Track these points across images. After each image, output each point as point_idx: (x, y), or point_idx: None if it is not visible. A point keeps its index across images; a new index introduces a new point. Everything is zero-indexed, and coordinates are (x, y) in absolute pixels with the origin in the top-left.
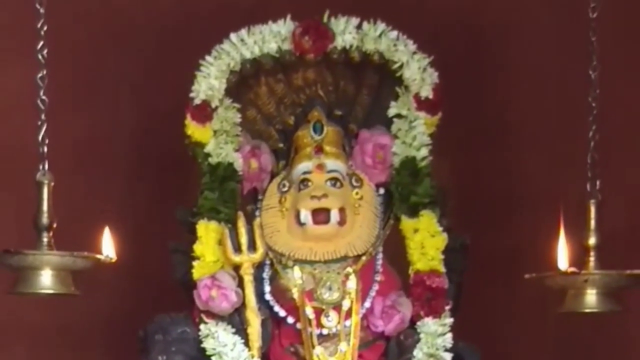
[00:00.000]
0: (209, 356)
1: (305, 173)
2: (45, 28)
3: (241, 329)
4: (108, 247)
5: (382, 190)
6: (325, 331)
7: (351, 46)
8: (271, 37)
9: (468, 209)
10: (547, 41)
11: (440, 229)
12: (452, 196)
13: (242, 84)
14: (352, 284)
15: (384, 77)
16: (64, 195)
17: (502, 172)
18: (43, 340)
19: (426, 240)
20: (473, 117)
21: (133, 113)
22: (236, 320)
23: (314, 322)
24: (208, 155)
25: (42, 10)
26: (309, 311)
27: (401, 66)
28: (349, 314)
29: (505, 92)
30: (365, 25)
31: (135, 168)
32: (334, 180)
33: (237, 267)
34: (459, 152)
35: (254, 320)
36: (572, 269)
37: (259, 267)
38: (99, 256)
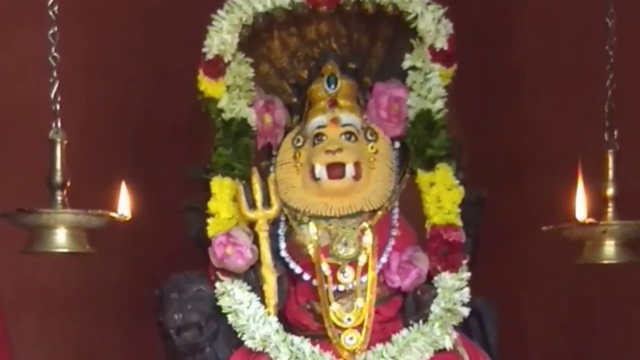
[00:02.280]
0: (225, 314)
1: (319, 127)
2: None
3: (257, 287)
4: (123, 204)
5: (397, 144)
6: (341, 287)
7: None
8: None
9: (485, 164)
10: None
11: (457, 182)
12: (468, 151)
13: (254, 38)
14: (368, 239)
15: (398, 29)
16: (78, 155)
17: (518, 126)
18: (58, 301)
19: (443, 194)
20: (488, 69)
21: (146, 71)
22: (252, 277)
23: (330, 279)
24: (221, 110)
25: None
26: (325, 267)
27: (415, 17)
28: (365, 270)
29: (521, 43)
30: None
31: (148, 126)
32: (349, 134)
33: (252, 224)
34: (474, 107)
35: (270, 278)
36: (590, 220)
37: (274, 224)
38: (113, 214)
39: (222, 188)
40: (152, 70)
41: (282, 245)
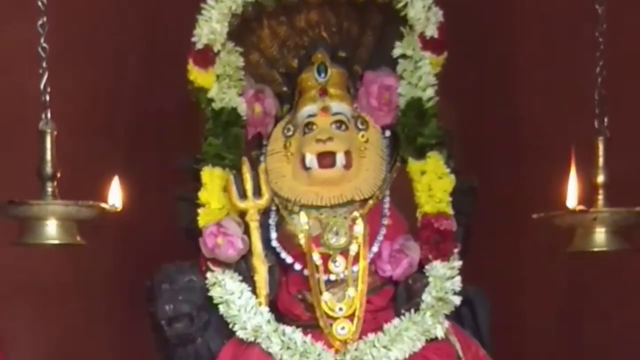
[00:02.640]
0: (216, 304)
1: (309, 116)
2: None
3: (248, 277)
4: (114, 196)
5: (388, 133)
6: (332, 277)
7: None
8: None
9: (476, 152)
10: None
11: (448, 170)
12: (460, 139)
13: (244, 27)
14: (359, 228)
15: (388, 17)
16: (67, 147)
17: (509, 112)
18: (49, 293)
19: (434, 182)
20: (479, 56)
21: (137, 60)
22: (243, 267)
23: (321, 268)
24: (211, 100)
25: None
26: (316, 257)
27: (405, 5)
28: (356, 259)
29: (512, 31)
30: None
31: (138, 116)
32: (339, 123)
33: (242, 214)
34: (466, 95)
35: (261, 268)
36: (581, 207)
37: (264, 214)
38: (103, 205)
39: (212, 178)
40: (143, 60)
41: (273, 235)
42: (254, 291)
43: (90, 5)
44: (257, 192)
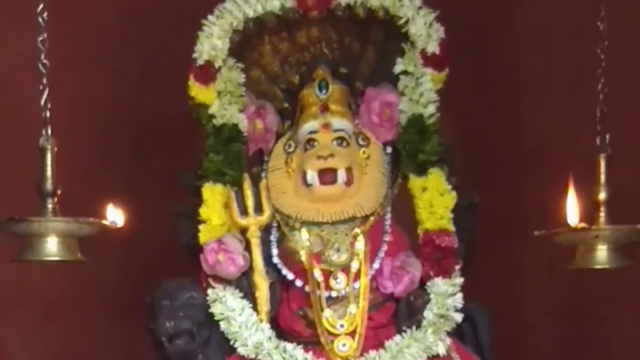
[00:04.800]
0: (217, 321)
1: (311, 133)
2: None
3: (249, 293)
4: (114, 213)
5: (389, 149)
6: (334, 294)
7: (355, 2)
8: None
9: (477, 167)
10: None
11: (449, 187)
12: (460, 154)
13: (245, 43)
14: (360, 245)
15: (389, 33)
16: (68, 163)
17: (510, 129)
18: (50, 308)
19: (435, 199)
20: (480, 73)
21: (136, 77)
22: (244, 284)
23: (322, 285)
24: (212, 116)
25: None
26: (317, 274)
27: (407, 22)
28: (357, 276)
29: (513, 46)
30: None
31: (139, 132)
32: (341, 140)
33: (243, 230)
34: (466, 109)
35: (262, 284)
36: (582, 225)
37: (266, 230)
38: (104, 222)
39: (213, 194)
40: (143, 76)
41: (274, 251)
42: (255, 308)
43: (91, 20)
44: (258, 209)
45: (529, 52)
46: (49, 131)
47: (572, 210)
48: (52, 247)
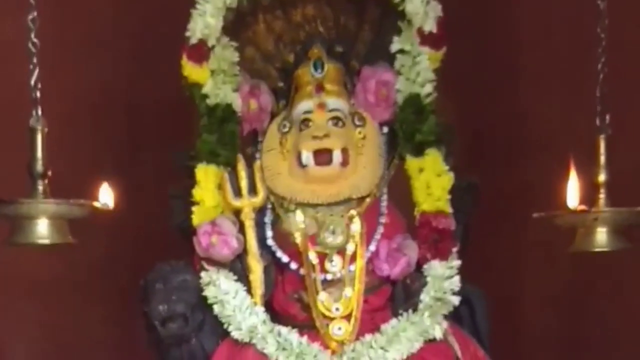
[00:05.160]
0: (211, 304)
1: (306, 112)
2: None
3: (243, 276)
4: (106, 194)
5: (385, 129)
6: (329, 276)
7: None
8: None
9: (475, 149)
10: None
11: (447, 168)
12: (459, 136)
13: (239, 21)
14: (356, 226)
15: (385, 11)
16: (60, 144)
17: (510, 109)
18: (42, 291)
19: (432, 180)
20: (479, 53)
21: (130, 59)
22: (238, 267)
23: (317, 268)
24: (205, 96)
25: None
26: (313, 256)
27: (403, 0)
28: (353, 258)
29: (513, 27)
30: None
31: (131, 112)
32: (336, 120)
33: (237, 212)
34: (465, 91)
35: (256, 267)
36: (582, 207)
37: (260, 212)
38: (95, 204)
39: (206, 175)
40: (137, 55)
41: (269, 233)
42: (249, 291)
43: (84, 3)
44: (253, 190)
45: (528, 32)
46: (39, 112)
47: (573, 192)
48: (42, 230)
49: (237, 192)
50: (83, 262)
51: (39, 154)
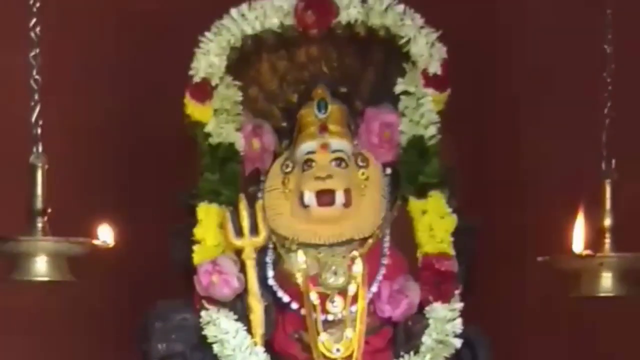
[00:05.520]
0: (210, 344)
1: (309, 153)
2: (37, 5)
3: (243, 316)
4: (106, 232)
5: (389, 170)
6: (330, 317)
7: (356, 21)
8: (273, 11)
9: (478, 189)
10: (560, 13)
11: (450, 210)
12: (461, 176)
13: (243, 61)
14: (358, 268)
15: (390, 52)
16: (60, 180)
17: (513, 151)
18: (41, 326)
19: (435, 222)
20: (483, 94)
21: (131, 95)
22: (238, 306)
23: (318, 308)
24: (208, 135)
25: None
26: (314, 296)
27: (408, 41)
28: (354, 299)
29: (517, 67)
30: None
31: (134, 150)
32: (339, 160)
33: (238, 252)
34: (467, 130)
35: (257, 307)
36: (587, 252)
37: (261, 251)
38: (95, 242)
39: (208, 214)
40: (139, 94)
41: (270, 273)
42: (249, 330)
43: (86, 38)
44: (254, 230)
45: (532, 74)
46: (40, 148)
47: (579, 236)
48: (41, 267)
49: (239, 232)
50: (83, 299)
51: (39, 191)
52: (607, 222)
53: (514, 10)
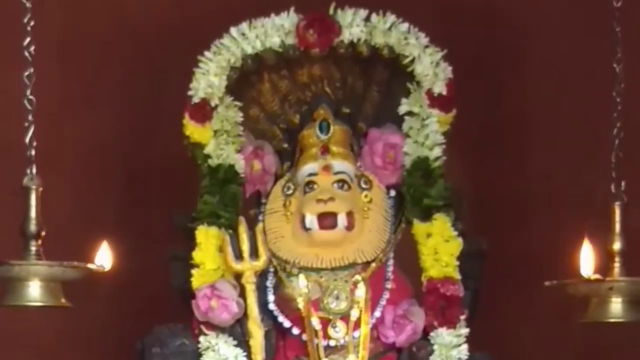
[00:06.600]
0: None
1: (310, 175)
2: (32, 24)
3: (243, 341)
4: (102, 256)
5: (392, 193)
6: (332, 342)
7: (359, 40)
8: (274, 30)
9: (485, 212)
10: (568, 32)
11: (455, 233)
12: (468, 198)
13: (243, 81)
14: (361, 292)
15: (394, 72)
16: (58, 202)
17: (520, 173)
18: (40, 352)
19: (440, 246)
20: (489, 114)
21: (131, 117)
22: (238, 331)
23: (320, 333)
24: (208, 156)
25: (28, 5)
26: (315, 322)
27: (412, 61)
28: (357, 325)
29: (524, 86)
30: (374, 17)
31: (132, 172)
32: (342, 183)
33: (238, 276)
34: (474, 152)
35: (257, 332)
36: (596, 276)
37: (262, 275)
38: (90, 266)
39: (207, 237)
40: (138, 114)
41: (271, 298)
42: (249, 356)
43: (86, 59)
44: (254, 253)
45: (540, 94)
46: (34, 170)
47: (587, 260)
48: (34, 292)
49: (239, 255)
50: (82, 323)
51: (33, 213)
52: (617, 245)
53: (522, 32)
